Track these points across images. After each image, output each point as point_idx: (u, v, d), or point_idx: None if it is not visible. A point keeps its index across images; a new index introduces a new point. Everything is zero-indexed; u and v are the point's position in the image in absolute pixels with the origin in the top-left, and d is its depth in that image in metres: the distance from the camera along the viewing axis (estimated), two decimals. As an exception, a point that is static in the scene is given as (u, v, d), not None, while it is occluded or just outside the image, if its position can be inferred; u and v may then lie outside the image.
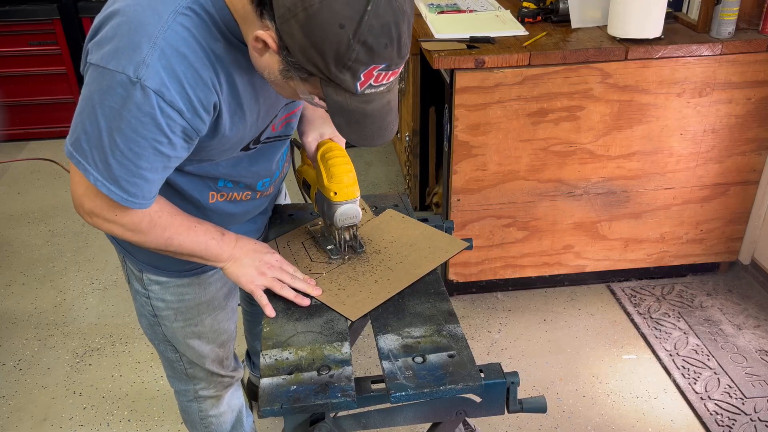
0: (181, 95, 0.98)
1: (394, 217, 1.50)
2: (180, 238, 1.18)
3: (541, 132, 2.25)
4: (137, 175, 1.03)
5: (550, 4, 2.39)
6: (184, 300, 1.39)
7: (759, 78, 2.23)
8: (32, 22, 3.68)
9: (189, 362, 1.51)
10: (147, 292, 1.38)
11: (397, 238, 1.42)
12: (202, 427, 1.68)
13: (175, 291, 1.37)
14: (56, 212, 3.30)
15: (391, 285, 1.28)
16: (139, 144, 1.00)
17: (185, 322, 1.42)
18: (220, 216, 1.30)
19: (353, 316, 1.20)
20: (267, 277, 1.25)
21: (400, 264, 1.33)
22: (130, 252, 1.34)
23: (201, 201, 1.25)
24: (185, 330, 1.43)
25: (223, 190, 1.27)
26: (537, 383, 2.21)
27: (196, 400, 1.61)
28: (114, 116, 0.98)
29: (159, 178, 1.07)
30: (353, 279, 1.30)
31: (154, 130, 0.99)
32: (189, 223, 1.19)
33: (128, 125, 0.98)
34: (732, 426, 2.01)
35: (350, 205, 1.27)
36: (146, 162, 1.02)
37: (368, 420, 1.18)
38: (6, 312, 2.62)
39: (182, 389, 1.60)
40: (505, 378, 1.11)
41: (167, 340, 1.46)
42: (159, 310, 1.40)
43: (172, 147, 1.03)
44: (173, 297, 1.38)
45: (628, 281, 2.65)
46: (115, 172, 1.02)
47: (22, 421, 2.13)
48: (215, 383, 1.59)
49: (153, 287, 1.37)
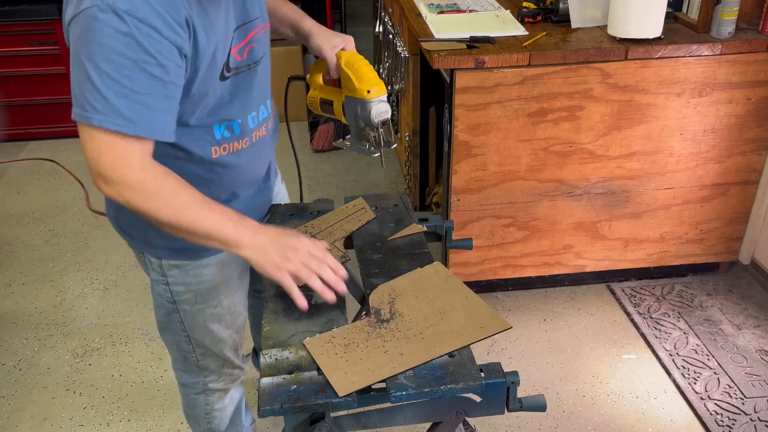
0: (152, 12, 1.03)
1: (438, 274, 1.31)
2: (192, 210, 1.14)
3: (541, 132, 2.25)
4: (137, 101, 1.05)
5: (550, 4, 2.40)
6: (203, 282, 1.41)
7: (759, 78, 2.23)
8: (32, 22, 3.68)
9: (202, 354, 1.53)
10: (166, 278, 1.40)
11: (431, 301, 1.24)
12: (206, 421, 1.69)
13: (195, 273, 1.39)
14: (56, 212, 3.31)
15: (401, 360, 1.10)
16: (127, 67, 1.03)
17: (205, 304, 1.44)
18: (227, 171, 1.32)
19: (342, 390, 1.05)
20: (294, 262, 1.18)
21: (421, 335, 1.15)
22: (148, 242, 1.36)
23: (205, 157, 1.27)
24: (205, 313, 1.45)
25: (223, 142, 1.28)
26: (537, 383, 2.21)
27: (204, 393, 1.63)
28: (97, 50, 1.02)
29: (162, 108, 1.09)
30: (361, 344, 1.14)
31: (137, 50, 1.03)
32: (203, 199, 1.17)
33: (112, 51, 1.02)
34: (732, 426, 2.01)
35: (383, 100, 1.37)
36: (140, 86, 1.05)
37: (368, 420, 1.18)
38: (6, 312, 2.62)
39: (191, 382, 1.62)
40: (505, 378, 1.11)
41: (183, 330, 1.48)
42: (178, 295, 1.42)
43: (163, 69, 1.06)
44: (193, 279, 1.40)
45: (628, 281, 2.66)
46: (114, 103, 1.04)
47: (22, 421, 2.13)
48: (225, 376, 1.61)
49: (172, 272, 1.39)
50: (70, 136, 4.04)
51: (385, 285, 1.30)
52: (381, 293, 1.28)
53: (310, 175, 3.54)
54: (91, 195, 3.44)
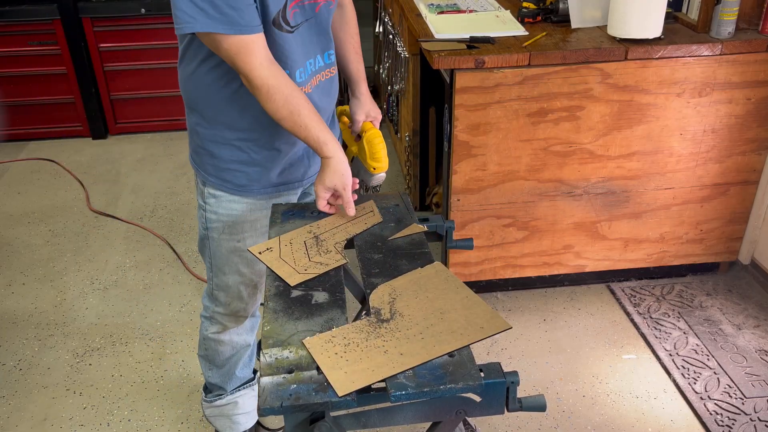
0: None
1: (438, 274, 1.32)
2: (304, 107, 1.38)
3: (541, 132, 2.25)
4: (225, 4, 1.26)
5: (550, 4, 2.40)
6: (232, 215, 1.59)
7: (759, 78, 2.23)
8: (32, 22, 3.68)
9: (217, 284, 1.71)
10: (205, 204, 1.61)
11: (431, 301, 1.25)
12: (203, 347, 1.87)
13: (227, 206, 1.58)
14: (56, 212, 3.31)
15: (400, 360, 1.11)
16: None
17: (230, 236, 1.62)
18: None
19: (342, 390, 1.05)
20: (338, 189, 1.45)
21: (421, 335, 1.16)
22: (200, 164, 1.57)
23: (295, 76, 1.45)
24: (229, 243, 1.63)
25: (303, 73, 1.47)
26: (537, 383, 2.21)
27: (209, 320, 1.81)
28: None
29: (245, 3, 1.28)
30: (361, 343, 1.15)
31: None
32: (310, 105, 1.40)
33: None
34: (732, 426, 2.01)
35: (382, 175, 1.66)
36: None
37: (368, 419, 1.18)
38: (6, 312, 2.63)
39: (206, 305, 1.81)
40: (505, 377, 1.11)
41: (209, 256, 1.68)
42: (210, 222, 1.61)
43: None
44: (224, 211, 1.59)
45: (628, 281, 2.66)
46: (208, 11, 1.26)
47: (22, 421, 2.13)
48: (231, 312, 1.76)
49: (210, 200, 1.59)
50: (70, 136, 4.05)
51: (385, 285, 1.30)
52: (381, 293, 1.28)
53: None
54: (91, 195, 3.44)
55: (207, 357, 1.88)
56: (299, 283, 1.30)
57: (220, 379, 1.91)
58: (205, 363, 1.90)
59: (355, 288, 1.59)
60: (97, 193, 3.46)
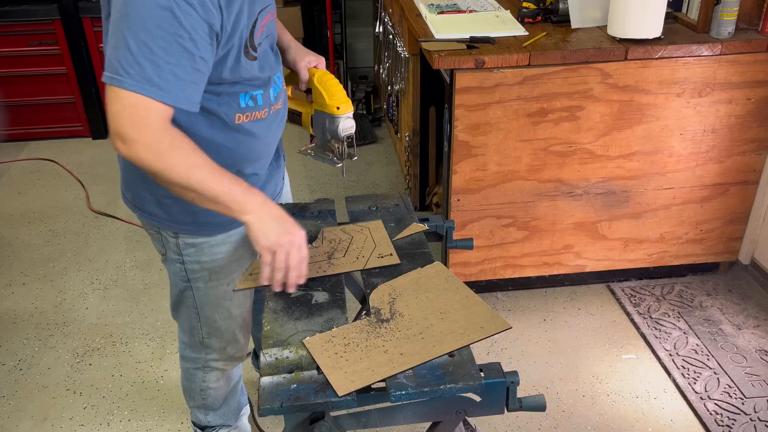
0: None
1: (438, 274, 1.32)
2: (203, 172, 1.20)
3: (541, 132, 2.25)
4: (168, 71, 1.14)
5: (550, 4, 2.40)
6: (217, 259, 1.47)
7: (759, 78, 2.23)
8: (32, 22, 3.68)
9: (208, 332, 1.60)
10: (182, 257, 1.47)
11: (431, 300, 1.25)
12: (200, 398, 1.77)
13: (209, 251, 1.46)
14: (56, 212, 3.31)
15: (400, 360, 1.11)
16: (163, 39, 1.12)
17: (218, 282, 1.50)
18: (246, 138, 1.37)
19: (342, 390, 1.05)
20: (282, 247, 1.25)
21: (421, 335, 1.16)
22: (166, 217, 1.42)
23: (228, 122, 1.33)
24: (218, 290, 1.51)
25: (246, 110, 1.35)
26: (537, 383, 2.21)
27: (203, 370, 1.70)
28: (137, 20, 1.11)
29: (190, 80, 1.17)
30: (361, 343, 1.15)
31: (174, 24, 1.11)
32: (214, 163, 1.23)
33: (151, 22, 1.10)
34: (732, 426, 2.01)
35: (350, 117, 1.47)
36: (173, 58, 1.13)
37: (368, 419, 1.18)
38: (6, 312, 2.63)
39: (193, 357, 1.69)
40: (504, 377, 1.12)
41: (195, 306, 1.55)
42: (193, 273, 1.49)
43: (194, 43, 1.14)
44: (207, 258, 1.46)
45: (628, 281, 2.66)
46: (147, 71, 1.13)
47: (22, 421, 2.13)
48: (227, 356, 1.67)
49: (188, 250, 1.46)
50: (70, 136, 4.04)
51: (385, 285, 1.30)
52: (381, 293, 1.28)
53: (310, 175, 3.54)
54: (91, 195, 3.44)
55: (206, 405, 1.79)
56: None
57: (221, 419, 1.84)
58: (202, 411, 1.81)
59: (355, 288, 1.59)
60: (97, 193, 3.46)
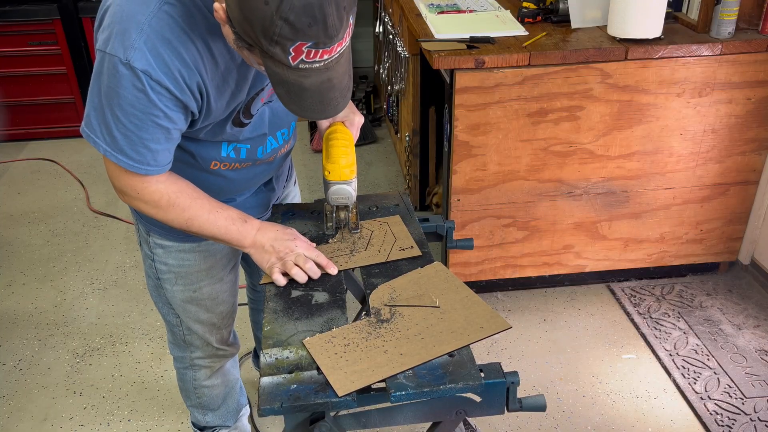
0: (167, 75, 1.09)
1: (438, 274, 1.31)
2: (200, 220, 1.27)
3: (541, 132, 2.25)
4: (141, 144, 1.14)
5: (550, 4, 2.40)
6: (184, 266, 1.48)
7: (759, 78, 2.23)
8: (32, 22, 3.68)
9: (187, 328, 1.60)
10: (152, 254, 1.48)
11: (431, 301, 1.25)
12: (195, 396, 1.77)
13: (177, 256, 1.47)
14: (56, 212, 3.31)
15: (399, 360, 1.10)
16: (137, 117, 1.11)
17: (184, 287, 1.51)
18: (217, 178, 1.36)
19: (341, 390, 1.05)
20: (286, 261, 1.31)
21: (420, 335, 1.15)
22: (140, 215, 1.43)
23: (202, 165, 1.33)
24: (184, 294, 1.52)
25: (226, 160, 1.34)
26: (537, 383, 2.21)
27: (192, 368, 1.70)
28: (113, 94, 1.10)
29: (163, 148, 1.17)
30: (361, 343, 1.14)
31: (148, 105, 1.10)
32: (210, 206, 1.29)
33: (125, 101, 1.10)
34: (732, 426, 2.01)
35: (342, 185, 1.32)
36: (147, 134, 1.13)
37: (368, 419, 1.18)
38: (6, 312, 2.63)
39: (179, 356, 1.70)
40: (505, 377, 1.11)
41: (169, 303, 1.56)
42: (161, 272, 1.50)
43: (169, 120, 1.14)
44: (174, 261, 1.47)
45: (628, 281, 2.66)
46: (120, 143, 1.14)
47: (22, 421, 2.13)
48: (210, 353, 1.67)
49: (157, 250, 1.47)
50: (70, 136, 4.04)
51: (385, 285, 1.30)
52: (381, 293, 1.28)
53: (310, 174, 3.54)
54: (91, 195, 3.44)
55: (202, 405, 1.79)
56: None
57: (220, 420, 1.85)
58: (199, 411, 1.82)
59: (355, 288, 1.59)
60: (97, 193, 3.46)
